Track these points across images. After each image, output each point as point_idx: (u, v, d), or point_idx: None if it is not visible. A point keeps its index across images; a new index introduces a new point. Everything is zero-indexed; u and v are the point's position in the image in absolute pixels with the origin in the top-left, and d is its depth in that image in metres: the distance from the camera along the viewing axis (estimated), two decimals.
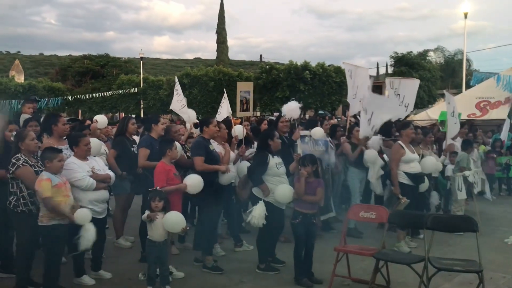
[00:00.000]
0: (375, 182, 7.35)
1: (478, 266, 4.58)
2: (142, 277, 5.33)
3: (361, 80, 8.51)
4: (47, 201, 4.54)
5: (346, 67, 8.81)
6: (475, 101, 14.93)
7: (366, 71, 9.03)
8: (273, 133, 5.91)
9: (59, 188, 4.62)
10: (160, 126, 6.17)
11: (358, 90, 8.48)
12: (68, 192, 4.75)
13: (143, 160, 5.85)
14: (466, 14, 20.87)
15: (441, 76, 33.74)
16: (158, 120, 6.23)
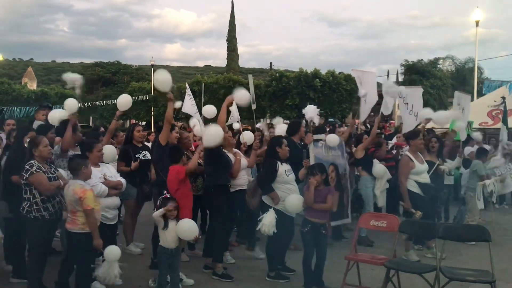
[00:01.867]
0: (379, 194, 7.32)
1: (490, 276, 4.53)
2: (152, 283, 5.35)
3: (370, 85, 8.51)
4: (90, 212, 4.60)
5: (355, 74, 8.82)
6: (487, 110, 14.82)
7: (373, 75, 9.03)
8: (281, 140, 5.88)
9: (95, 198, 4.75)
10: (174, 135, 6.26)
11: (367, 96, 8.48)
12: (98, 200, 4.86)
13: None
14: (478, 22, 20.77)
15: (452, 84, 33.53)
16: (173, 129, 6.32)
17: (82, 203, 4.56)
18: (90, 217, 4.62)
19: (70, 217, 4.73)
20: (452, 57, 39.54)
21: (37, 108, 8.65)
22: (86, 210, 4.59)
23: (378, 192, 7.26)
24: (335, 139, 7.02)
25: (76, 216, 4.67)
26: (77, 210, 4.65)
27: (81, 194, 4.57)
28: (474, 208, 7.88)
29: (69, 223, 4.75)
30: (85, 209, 4.58)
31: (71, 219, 4.72)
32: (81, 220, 4.66)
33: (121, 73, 42.42)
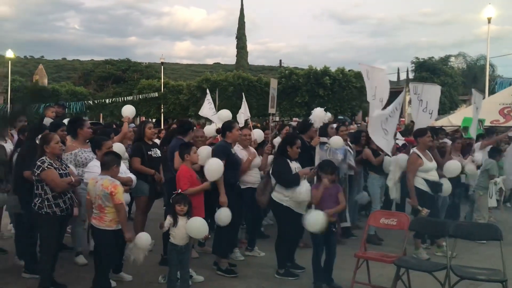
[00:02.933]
0: (392, 186, 7.24)
1: (502, 275, 4.49)
2: (162, 280, 5.38)
3: (379, 81, 8.44)
4: (121, 206, 4.70)
5: (362, 68, 8.75)
6: (499, 108, 14.67)
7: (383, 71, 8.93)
8: (294, 140, 5.84)
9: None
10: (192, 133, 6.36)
11: (376, 91, 8.40)
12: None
13: (179, 163, 5.91)
14: (490, 19, 20.55)
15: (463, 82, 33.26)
16: (193, 128, 6.40)
17: (113, 198, 4.63)
18: (121, 212, 4.71)
19: (97, 213, 4.78)
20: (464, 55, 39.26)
21: (46, 105, 8.71)
22: (117, 205, 4.66)
23: (391, 184, 7.17)
24: (339, 141, 6.93)
25: (104, 212, 4.72)
26: (106, 205, 4.70)
27: (112, 188, 4.64)
28: (483, 207, 7.81)
29: (95, 218, 4.80)
30: (116, 203, 4.65)
31: (98, 215, 4.77)
32: (109, 217, 4.73)
33: (131, 70, 42.68)
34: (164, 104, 32.98)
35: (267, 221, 8.50)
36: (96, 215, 4.79)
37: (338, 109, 27.10)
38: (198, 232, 4.88)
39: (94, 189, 4.75)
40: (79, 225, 6.03)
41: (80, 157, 5.82)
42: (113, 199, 4.64)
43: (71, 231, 6.17)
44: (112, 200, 4.65)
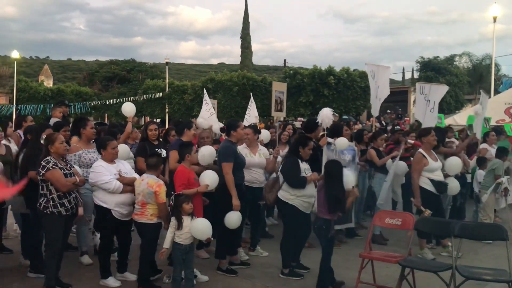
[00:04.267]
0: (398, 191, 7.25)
1: (508, 275, 4.46)
2: (166, 280, 5.39)
3: (383, 79, 8.44)
4: (164, 205, 5.04)
5: (368, 68, 8.73)
6: (504, 107, 14.60)
7: (387, 70, 8.92)
8: (307, 142, 5.81)
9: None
10: (192, 132, 6.30)
11: (379, 91, 8.40)
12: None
13: (174, 163, 5.92)
14: (495, 18, 20.45)
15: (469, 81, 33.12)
16: (191, 126, 6.35)
17: (157, 196, 4.95)
18: (164, 209, 5.06)
19: (139, 208, 5.07)
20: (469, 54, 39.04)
21: (53, 106, 8.76)
22: (160, 204, 5.00)
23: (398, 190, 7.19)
24: (344, 143, 6.90)
25: (146, 208, 5.03)
26: (148, 202, 5.01)
27: (157, 188, 4.95)
28: (488, 206, 7.77)
29: (137, 214, 5.10)
30: (160, 202, 4.98)
31: (140, 210, 5.07)
32: (150, 212, 5.03)
33: (135, 70, 42.74)
34: (168, 104, 33.01)
35: (271, 221, 8.52)
36: (138, 211, 5.09)
37: (343, 108, 27.02)
38: (202, 233, 4.89)
39: (139, 185, 5.05)
40: (84, 225, 6.05)
41: (84, 158, 5.84)
42: (157, 198, 4.96)
43: (76, 231, 6.19)
44: (155, 199, 4.96)
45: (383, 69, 8.73)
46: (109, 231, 5.30)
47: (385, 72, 8.66)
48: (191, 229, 4.85)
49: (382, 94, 8.37)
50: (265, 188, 6.24)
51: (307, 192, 5.58)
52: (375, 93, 8.42)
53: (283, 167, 5.86)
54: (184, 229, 4.88)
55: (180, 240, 4.91)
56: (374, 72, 8.50)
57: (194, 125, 6.50)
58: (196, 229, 4.84)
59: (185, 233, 4.88)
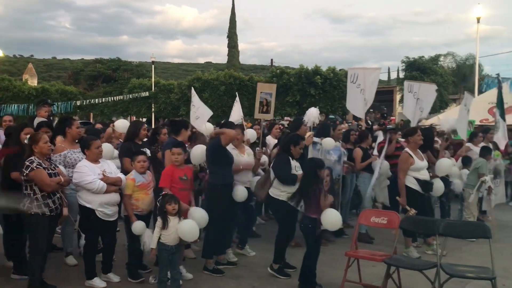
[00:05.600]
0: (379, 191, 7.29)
1: (491, 273, 4.52)
2: (152, 280, 5.36)
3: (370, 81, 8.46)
4: (126, 198, 5.32)
5: (350, 72, 8.75)
6: (488, 107, 14.79)
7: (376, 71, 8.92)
8: (298, 140, 5.91)
9: (141, 188, 5.34)
10: (189, 132, 6.37)
11: (366, 93, 8.43)
12: (149, 191, 5.44)
13: (169, 162, 5.89)
14: (479, 19, 20.71)
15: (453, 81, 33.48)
16: (188, 127, 6.37)
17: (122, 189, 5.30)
18: (125, 201, 5.34)
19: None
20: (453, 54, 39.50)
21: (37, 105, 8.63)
22: (124, 196, 5.33)
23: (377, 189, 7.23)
24: (330, 143, 6.96)
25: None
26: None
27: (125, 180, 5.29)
28: (472, 205, 7.88)
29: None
30: (124, 194, 5.33)
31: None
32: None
33: (121, 69, 42.37)
34: (155, 103, 32.81)
35: (258, 221, 8.52)
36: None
37: (329, 108, 27.13)
38: (189, 235, 4.88)
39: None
40: (69, 225, 5.98)
41: (69, 158, 5.78)
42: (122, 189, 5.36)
43: (61, 232, 6.12)
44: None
45: (371, 71, 8.76)
46: (93, 232, 5.25)
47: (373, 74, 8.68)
48: (178, 231, 4.83)
49: (369, 96, 8.42)
50: (257, 185, 6.30)
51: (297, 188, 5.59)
52: (363, 96, 8.45)
53: (274, 165, 5.95)
54: (170, 229, 4.86)
55: (166, 241, 4.88)
56: (358, 75, 8.52)
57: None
58: (183, 231, 4.82)
59: (171, 234, 4.86)
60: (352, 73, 8.64)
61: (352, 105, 8.77)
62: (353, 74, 8.58)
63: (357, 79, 8.50)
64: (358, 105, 8.58)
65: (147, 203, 5.44)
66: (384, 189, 7.14)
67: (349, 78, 8.63)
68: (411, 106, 8.52)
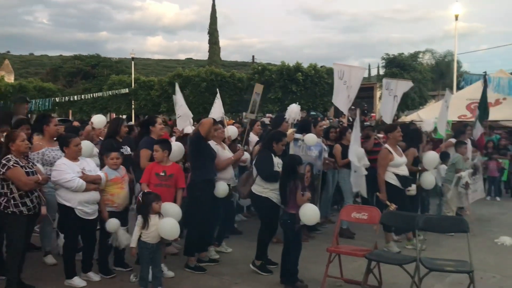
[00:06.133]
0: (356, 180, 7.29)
1: (469, 266, 4.61)
2: (134, 278, 5.31)
3: (356, 80, 8.51)
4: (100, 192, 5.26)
5: (336, 68, 8.79)
6: (466, 103, 15.03)
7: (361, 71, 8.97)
8: (280, 137, 5.92)
9: (115, 182, 5.34)
10: (158, 127, 6.22)
11: (351, 91, 8.47)
12: (124, 185, 5.44)
13: (145, 161, 5.85)
14: (457, 16, 21.03)
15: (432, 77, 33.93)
16: (155, 122, 6.27)
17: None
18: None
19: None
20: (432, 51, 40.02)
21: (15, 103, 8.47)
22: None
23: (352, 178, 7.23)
24: (313, 139, 7.00)
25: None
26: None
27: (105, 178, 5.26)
28: (451, 200, 8.00)
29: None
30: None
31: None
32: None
33: (100, 66, 41.87)
34: (135, 100, 32.50)
35: (240, 217, 8.51)
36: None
37: (311, 105, 27.26)
38: (169, 234, 4.85)
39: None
40: (47, 224, 5.89)
41: (47, 156, 5.68)
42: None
43: (40, 231, 6.03)
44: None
45: (357, 70, 8.79)
46: (73, 231, 5.18)
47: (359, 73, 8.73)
48: (159, 229, 4.80)
49: (354, 94, 8.47)
50: (239, 182, 6.31)
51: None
52: (347, 93, 8.49)
53: (257, 161, 5.95)
54: (151, 227, 4.83)
55: (147, 239, 4.85)
56: (344, 72, 8.55)
57: (159, 119, 6.42)
58: (164, 230, 4.79)
59: (152, 232, 4.83)
60: (338, 69, 8.66)
61: (338, 101, 8.81)
62: (339, 70, 8.60)
63: (344, 75, 8.54)
64: (343, 101, 8.63)
65: (122, 198, 5.42)
66: (362, 178, 7.12)
67: (336, 73, 8.66)
68: (388, 104, 8.60)
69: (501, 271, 5.88)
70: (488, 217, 9.20)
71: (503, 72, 15.86)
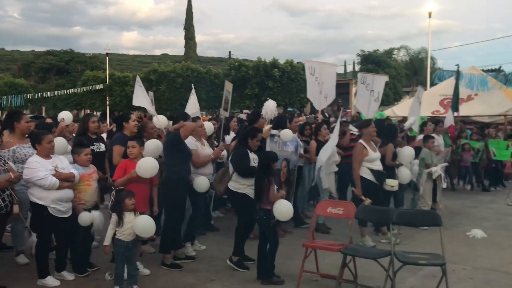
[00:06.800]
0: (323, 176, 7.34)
1: (441, 259, 4.69)
2: (109, 277, 5.24)
3: (327, 76, 8.56)
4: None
5: (307, 64, 8.83)
6: (439, 99, 15.31)
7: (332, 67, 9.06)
8: (255, 133, 5.92)
9: (82, 178, 5.21)
10: (132, 123, 6.13)
11: (323, 87, 8.52)
12: (91, 182, 5.32)
13: (118, 157, 5.77)
14: (431, 13, 21.40)
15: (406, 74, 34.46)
16: (129, 118, 6.20)
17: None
18: None
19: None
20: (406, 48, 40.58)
21: None
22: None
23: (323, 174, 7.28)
24: (289, 134, 7.02)
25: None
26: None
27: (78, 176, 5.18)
28: (426, 194, 8.13)
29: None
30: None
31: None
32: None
33: (74, 61, 41.17)
34: (109, 96, 32.07)
35: (217, 214, 8.50)
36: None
37: (288, 101, 27.37)
38: (144, 231, 4.80)
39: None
40: (19, 223, 5.76)
41: (19, 154, 5.56)
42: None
43: (11, 230, 5.89)
44: None
45: (327, 66, 8.84)
46: (46, 229, 5.08)
47: (330, 70, 8.79)
48: (133, 227, 4.75)
49: (328, 91, 8.52)
50: (215, 179, 6.29)
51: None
52: (319, 89, 8.54)
53: (233, 158, 5.94)
54: (126, 225, 4.78)
55: (122, 237, 4.80)
56: (315, 68, 8.60)
57: (133, 116, 6.34)
58: (139, 227, 4.75)
59: (127, 229, 4.78)
60: (309, 65, 8.71)
61: (312, 96, 8.87)
62: (310, 67, 8.65)
63: (315, 71, 8.58)
64: (316, 97, 8.68)
65: (90, 195, 5.31)
66: (331, 175, 7.17)
67: (308, 70, 8.70)
68: (364, 98, 8.67)
69: (472, 263, 6.03)
70: (459, 211, 9.40)
71: (475, 69, 16.22)
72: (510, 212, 9.36)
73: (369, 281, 5.21)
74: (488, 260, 6.17)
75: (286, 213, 5.20)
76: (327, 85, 8.53)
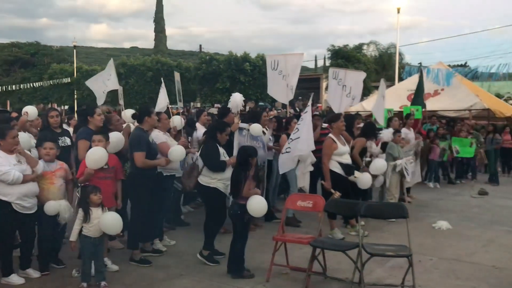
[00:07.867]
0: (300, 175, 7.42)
1: (408, 250, 4.79)
2: (76, 273, 5.14)
3: (293, 67, 8.51)
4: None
5: (269, 59, 8.77)
6: (407, 93, 15.58)
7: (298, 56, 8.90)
8: (224, 127, 5.92)
9: (44, 176, 5.06)
10: (97, 118, 6.00)
11: (289, 79, 8.49)
12: (54, 180, 5.12)
13: (83, 152, 5.64)
14: (399, 9, 21.75)
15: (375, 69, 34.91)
16: (94, 112, 6.06)
17: None
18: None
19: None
20: (376, 43, 41.06)
21: None
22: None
23: (299, 173, 7.34)
24: (258, 129, 7.03)
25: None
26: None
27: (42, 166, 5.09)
28: (392, 187, 8.27)
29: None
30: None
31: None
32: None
33: (40, 54, 40.04)
34: (77, 89, 31.41)
35: (187, 209, 8.44)
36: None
37: (259, 95, 27.39)
38: (111, 228, 4.74)
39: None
40: None
41: None
42: None
43: None
44: None
45: (293, 56, 8.78)
46: (10, 226, 4.93)
47: (295, 59, 8.72)
48: (100, 224, 4.67)
49: (292, 81, 8.49)
50: (183, 174, 6.26)
51: (227, 175, 5.64)
52: (285, 82, 8.51)
53: (202, 152, 5.93)
54: (93, 221, 4.70)
55: (89, 233, 4.71)
56: (278, 61, 8.53)
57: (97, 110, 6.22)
58: (106, 224, 4.67)
59: (94, 225, 4.70)
60: (271, 60, 8.64)
61: (274, 92, 8.83)
62: (273, 61, 8.59)
63: (278, 65, 8.52)
64: (281, 92, 8.63)
65: (53, 193, 5.12)
66: (306, 174, 7.24)
67: (269, 65, 8.64)
68: (335, 93, 8.68)
69: (437, 254, 6.18)
70: (426, 203, 9.61)
71: (442, 64, 16.58)
72: (474, 204, 9.65)
73: (338, 273, 5.28)
74: (453, 251, 6.34)
75: (260, 209, 5.19)
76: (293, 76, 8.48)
